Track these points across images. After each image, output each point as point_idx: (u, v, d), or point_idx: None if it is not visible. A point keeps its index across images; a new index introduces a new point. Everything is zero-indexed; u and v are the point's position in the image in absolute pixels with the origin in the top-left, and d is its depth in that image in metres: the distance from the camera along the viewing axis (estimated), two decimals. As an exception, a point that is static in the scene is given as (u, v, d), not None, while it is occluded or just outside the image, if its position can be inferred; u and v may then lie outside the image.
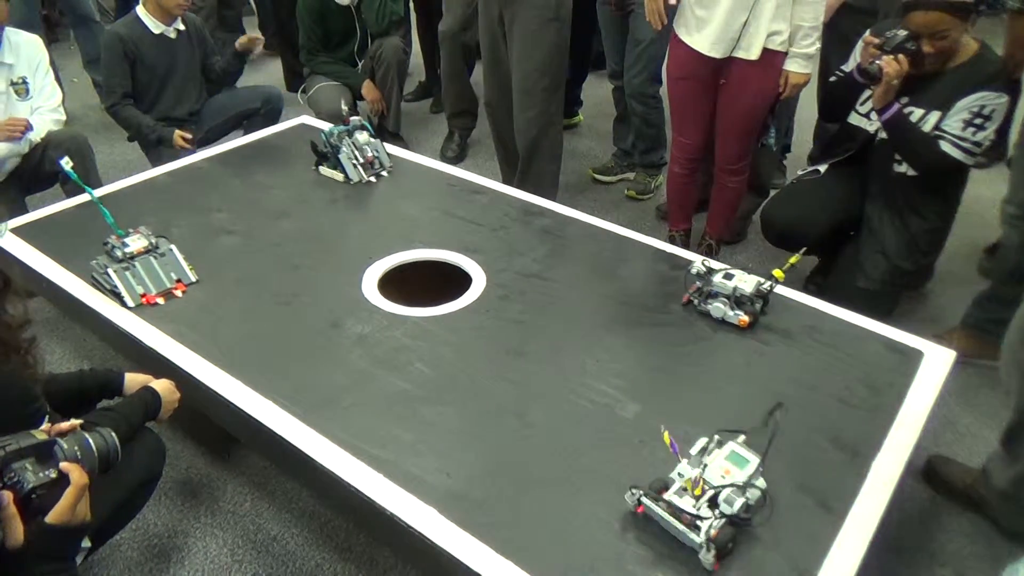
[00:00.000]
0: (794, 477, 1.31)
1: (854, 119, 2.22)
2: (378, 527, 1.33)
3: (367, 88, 3.36)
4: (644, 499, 1.20)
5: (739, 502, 1.17)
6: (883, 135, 2.12)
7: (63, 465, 1.09)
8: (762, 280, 1.68)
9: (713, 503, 1.17)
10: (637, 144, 3.13)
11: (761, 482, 1.20)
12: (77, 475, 1.09)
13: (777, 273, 1.69)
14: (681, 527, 1.16)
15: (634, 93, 2.86)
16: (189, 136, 2.86)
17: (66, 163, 1.47)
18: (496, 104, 2.85)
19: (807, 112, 3.01)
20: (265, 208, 2.17)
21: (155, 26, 2.82)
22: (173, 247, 1.84)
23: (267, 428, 1.43)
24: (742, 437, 1.28)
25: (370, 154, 2.32)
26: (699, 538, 1.14)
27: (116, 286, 1.74)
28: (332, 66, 3.36)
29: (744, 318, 1.66)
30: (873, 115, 2.10)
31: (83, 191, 1.60)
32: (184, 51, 2.92)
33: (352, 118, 2.35)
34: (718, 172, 2.49)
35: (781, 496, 1.27)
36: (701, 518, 1.15)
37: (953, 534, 1.73)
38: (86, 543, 1.25)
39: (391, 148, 2.55)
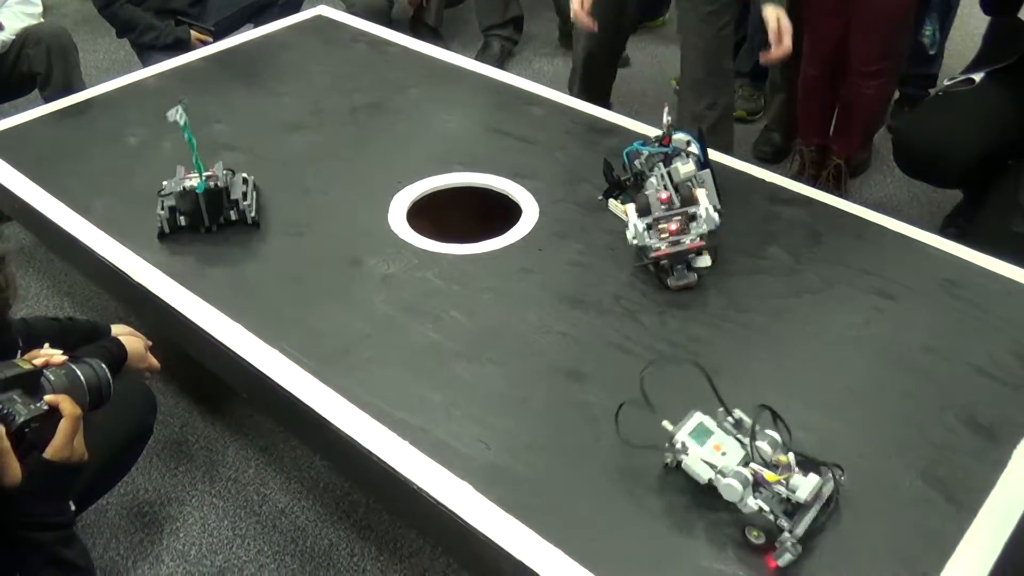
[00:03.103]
0: (915, 463, 1.30)
1: None
2: (402, 503, 1.38)
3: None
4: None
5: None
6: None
7: (50, 397, 1.15)
8: (701, 182, 1.69)
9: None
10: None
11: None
12: (69, 406, 1.16)
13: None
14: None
15: None
16: (209, 37, 2.90)
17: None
18: None
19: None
20: (273, 119, 2.20)
21: None
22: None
23: (272, 382, 1.48)
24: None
25: None
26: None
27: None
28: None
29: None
30: None
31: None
32: None
33: (676, 135, 1.79)
34: (851, 75, 2.47)
35: (899, 485, 1.27)
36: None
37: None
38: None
39: (425, 46, 2.54)
